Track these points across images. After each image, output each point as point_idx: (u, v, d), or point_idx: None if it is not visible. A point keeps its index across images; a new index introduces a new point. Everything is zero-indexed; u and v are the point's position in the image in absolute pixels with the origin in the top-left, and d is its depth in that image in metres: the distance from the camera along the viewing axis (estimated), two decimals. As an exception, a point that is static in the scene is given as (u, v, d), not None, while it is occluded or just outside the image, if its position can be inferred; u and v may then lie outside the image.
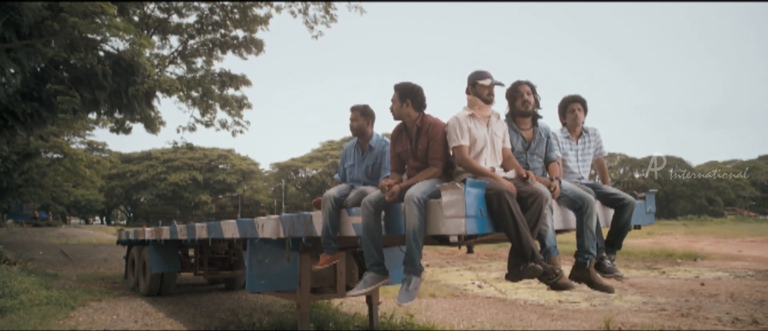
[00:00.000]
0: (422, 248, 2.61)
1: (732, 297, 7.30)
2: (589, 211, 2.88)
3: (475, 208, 2.31)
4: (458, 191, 2.30)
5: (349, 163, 3.67)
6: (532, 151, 3.15)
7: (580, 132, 3.54)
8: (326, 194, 3.19)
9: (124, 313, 5.86)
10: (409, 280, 2.63)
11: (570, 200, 2.94)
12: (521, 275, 2.45)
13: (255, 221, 3.97)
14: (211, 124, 18.03)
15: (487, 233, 2.39)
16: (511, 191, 2.48)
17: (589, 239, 2.91)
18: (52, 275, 9.25)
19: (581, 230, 2.91)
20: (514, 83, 3.15)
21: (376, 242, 2.80)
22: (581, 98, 3.50)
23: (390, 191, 2.73)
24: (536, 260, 2.41)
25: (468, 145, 2.83)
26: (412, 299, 2.58)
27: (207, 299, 7.10)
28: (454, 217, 2.31)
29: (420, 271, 2.67)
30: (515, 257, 2.49)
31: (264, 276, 4.04)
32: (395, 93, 3.03)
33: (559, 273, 2.49)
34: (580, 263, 2.96)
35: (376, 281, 2.82)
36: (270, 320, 5.40)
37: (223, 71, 17.09)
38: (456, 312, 6.14)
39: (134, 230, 8.17)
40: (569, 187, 3.00)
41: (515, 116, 3.18)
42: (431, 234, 2.56)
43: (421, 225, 2.52)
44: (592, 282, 2.98)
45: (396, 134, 3.16)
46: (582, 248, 2.93)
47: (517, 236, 2.39)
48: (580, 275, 2.94)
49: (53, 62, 12.05)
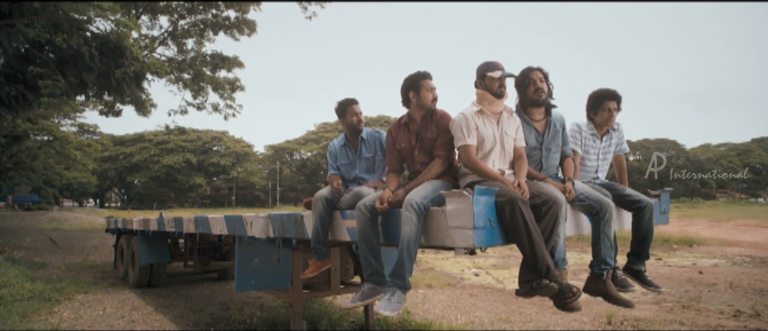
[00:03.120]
0: (415, 260, 2.36)
1: (731, 286, 7.23)
2: (608, 217, 2.62)
3: (484, 218, 2.07)
4: (465, 199, 2.06)
5: (343, 162, 3.39)
6: (546, 145, 2.86)
7: (607, 129, 3.26)
8: (318, 195, 2.94)
9: (111, 307, 5.67)
10: (394, 292, 2.38)
11: (586, 205, 2.67)
12: (534, 293, 2.22)
13: (244, 218, 3.74)
14: (203, 108, 17.69)
15: (497, 245, 2.16)
16: (525, 199, 2.24)
17: (607, 248, 2.65)
18: (39, 265, 9.03)
19: (598, 237, 2.65)
20: (524, 70, 2.84)
21: (374, 249, 2.56)
22: (618, 95, 3.17)
23: (384, 205, 2.49)
24: (551, 277, 2.18)
25: (475, 144, 2.56)
26: (393, 312, 2.33)
27: (198, 290, 6.92)
28: (460, 228, 2.07)
29: (407, 288, 2.42)
30: (527, 271, 2.25)
31: (254, 275, 3.84)
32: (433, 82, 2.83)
33: (576, 292, 2.23)
34: (597, 274, 2.70)
35: (375, 293, 2.56)
36: (262, 314, 5.22)
37: (214, 53, 16.68)
38: (453, 305, 5.99)
39: (123, 219, 7.93)
40: (585, 189, 2.73)
41: (526, 106, 2.88)
42: (433, 245, 2.33)
43: (417, 234, 2.28)
44: (609, 295, 2.72)
45: (396, 129, 2.90)
46: (598, 258, 2.67)
47: (532, 250, 2.16)
48: (597, 288, 2.69)
49: (37, 44, 11.63)
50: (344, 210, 2.89)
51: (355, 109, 3.34)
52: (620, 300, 2.72)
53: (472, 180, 2.55)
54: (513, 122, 2.73)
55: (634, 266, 3.01)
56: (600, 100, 3.16)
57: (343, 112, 3.35)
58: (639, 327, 4.99)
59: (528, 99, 2.84)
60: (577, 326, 5.05)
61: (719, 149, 67.91)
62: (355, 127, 3.33)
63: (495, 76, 2.59)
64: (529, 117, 2.88)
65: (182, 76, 16.78)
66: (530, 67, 2.85)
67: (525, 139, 2.79)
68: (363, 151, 3.33)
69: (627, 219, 3.03)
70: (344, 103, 3.36)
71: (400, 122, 2.91)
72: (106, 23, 11.16)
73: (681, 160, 60.95)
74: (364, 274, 2.63)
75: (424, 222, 2.32)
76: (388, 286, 2.43)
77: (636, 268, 3.01)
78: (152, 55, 14.89)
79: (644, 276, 2.96)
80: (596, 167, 3.22)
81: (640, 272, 3.00)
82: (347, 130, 3.39)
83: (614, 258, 2.79)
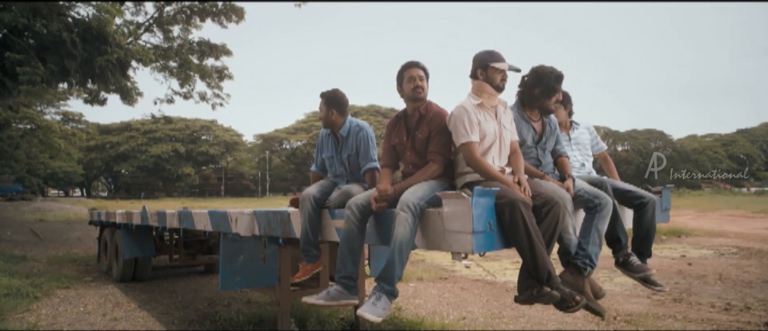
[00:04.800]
0: (405, 264, 2.19)
1: (720, 278, 7.28)
2: (604, 212, 2.47)
3: (484, 221, 1.93)
4: (464, 202, 1.91)
5: (327, 154, 3.22)
6: (542, 145, 2.75)
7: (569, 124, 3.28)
8: (305, 193, 2.78)
9: (92, 304, 5.49)
10: (380, 296, 2.20)
11: (584, 200, 2.53)
12: (534, 301, 2.08)
13: (228, 214, 3.58)
14: (189, 97, 17.36)
15: (496, 249, 2.03)
16: (526, 201, 2.10)
17: (595, 243, 2.45)
18: (18, 258, 8.77)
19: (588, 231, 2.46)
20: (548, 72, 2.68)
21: (354, 252, 2.39)
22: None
23: (379, 201, 2.34)
24: (553, 284, 2.05)
25: (478, 141, 2.38)
26: (378, 318, 2.15)
27: (184, 285, 6.76)
28: (458, 232, 1.93)
29: (394, 294, 2.24)
30: (527, 277, 2.10)
31: (240, 273, 3.69)
32: (423, 71, 2.65)
33: (580, 301, 2.10)
34: (578, 267, 2.43)
35: (341, 297, 2.37)
36: (249, 311, 5.09)
37: (202, 40, 16.32)
38: (444, 299, 5.92)
39: (106, 211, 7.71)
40: (583, 185, 2.62)
41: (525, 106, 2.76)
42: (428, 249, 2.19)
43: (411, 237, 2.12)
44: (584, 295, 2.39)
45: (393, 123, 2.74)
46: (585, 252, 2.42)
47: (532, 255, 2.02)
48: (574, 283, 2.38)
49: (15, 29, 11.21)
50: (333, 209, 2.73)
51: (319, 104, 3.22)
52: (593, 305, 2.48)
53: (470, 179, 2.41)
54: (508, 115, 2.59)
55: (639, 272, 2.91)
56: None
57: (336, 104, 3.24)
58: (632, 322, 4.95)
59: (543, 108, 2.71)
60: (569, 321, 4.99)
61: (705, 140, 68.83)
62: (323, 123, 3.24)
63: (500, 67, 2.41)
64: (528, 116, 2.76)
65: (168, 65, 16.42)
66: (558, 72, 2.67)
67: (523, 138, 2.66)
68: (341, 149, 3.17)
69: (628, 216, 2.94)
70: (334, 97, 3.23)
71: (397, 116, 2.75)
72: (87, 9, 10.80)
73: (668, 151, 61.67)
74: (336, 275, 2.44)
75: (419, 224, 2.17)
76: (375, 288, 2.25)
77: (643, 277, 2.92)
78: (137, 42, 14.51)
79: (648, 275, 2.86)
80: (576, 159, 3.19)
81: (648, 279, 2.91)
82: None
83: (626, 243, 2.67)
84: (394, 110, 48.25)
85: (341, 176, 3.14)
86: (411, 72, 2.61)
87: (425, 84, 2.62)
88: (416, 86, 2.59)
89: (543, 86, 2.66)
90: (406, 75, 2.61)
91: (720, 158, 61.43)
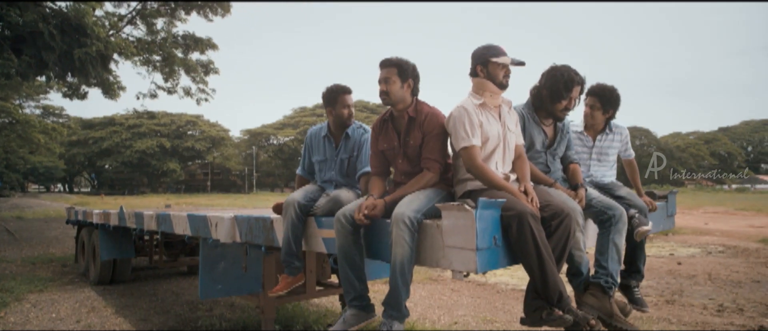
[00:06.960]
0: (410, 284, 1.98)
1: (710, 278, 7.27)
2: (620, 225, 2.30)
3: (489, 236, 1.72)
4: (467, 215, 1.70)
5: (318, 158, 2.95)
6: (552, 151, 2.54)
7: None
8: (289, 199, 2.54)
9: (66, 309, 5.22)
10: (391, 325, 2.00)
11: (596, 212, 2.36)
12: (542, 324, 1.89)
13: (208, 219, 3.36)
14: (174, 91, 17.00)
15: (501, 267, 1.84)
16: (535, 213, 1.89)
17: (615, 259, 2.30)
18: (-9, 259, 8.41)
19: (606, 246, 2.30)
20: (563, 73, 2.43)
21: (356, 268, 2.17)
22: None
23: (361, 216, 2.11)
24: (564, 306, 1.85)
25: (480, 145, 2.16)
26: None
27: (165, 287, 6.50)
28: (460, 248, 1.72)
29: (405, 316, 2.06)
30: (536, 298, 1.91)
31: (221, 280, 3.48)
32: (390, 69, 2.31)
33: (594, 325, 1.88)
34: (603, 288, 2.28)
35: (358, 321, 2.19)
36: (233, 315, 4.88)
37: (186, 34, 15.95)
38: (435, 302, 5.76)
39: (83, 210, 7.39)
40: (595, 195, 2.44)
41: (538, 109, 2.54)
42: (425, 266, 1.98)
43: (411, 255, 1.90)
44: (613, 317, 2.29)
45: (379, 126, 2.49)
46: (606, 270, 2.29)
47: (542, 274, 1.82)
48: (600, 305, 2.25)
49: (-13, 20, 10.75)
50: (320, 217, 2.51)
51: (347, 100, 2.87)
52: (626, 327, 2.31)
53: (472, 187, 2.19)
54: (512, 116, 2.36)
55: (623, 280, 2.76)
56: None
57: (333, 101, 2.87)
58: (626, 326, 4.85)
59: (550, 113, 2.49)
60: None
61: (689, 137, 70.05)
62: (345, 121, 2.88)
63: (502, 62, 2.19)
64: (540, 119, 2.54)
65: (152, 58, 16.02)
66: (572, 76, 2.40)
67: (532, 142, 2.45)
68: (340, 150, 2.91)
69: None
70: (335, 90, 2.87)
71: (383, 118, 2.49)
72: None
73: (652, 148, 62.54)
74: (345, 297, 2.24)
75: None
76: (384, 316, 2.03)
77: (625, 283, 2.77)
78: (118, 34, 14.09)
79: (633, 292, 2.71)
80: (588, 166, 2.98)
81: (630, 288, 2.76)
82: (333, 122, 2.94)
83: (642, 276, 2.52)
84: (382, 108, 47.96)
85: (330, 181, 2.90)
86: (380, 74, 2.36)
87: (392, 87, 2.33)
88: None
89: (550, 89, 2.43)
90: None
91: (703, 156, 62.57)
